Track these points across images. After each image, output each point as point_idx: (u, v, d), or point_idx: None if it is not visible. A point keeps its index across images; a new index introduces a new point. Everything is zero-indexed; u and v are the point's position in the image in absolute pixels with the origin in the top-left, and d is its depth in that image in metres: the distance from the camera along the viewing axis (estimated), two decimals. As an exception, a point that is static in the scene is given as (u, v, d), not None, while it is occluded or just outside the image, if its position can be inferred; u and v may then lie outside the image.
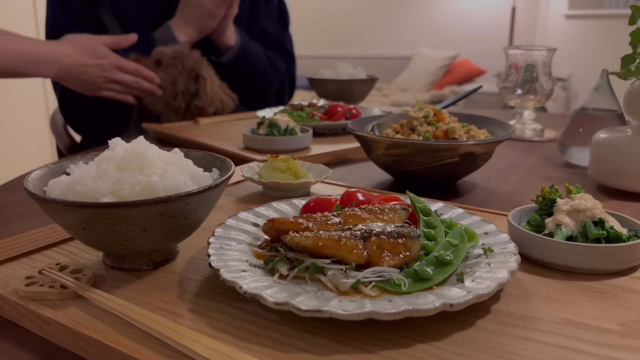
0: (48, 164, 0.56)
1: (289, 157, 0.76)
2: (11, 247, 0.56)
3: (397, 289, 0.44)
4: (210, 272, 0.52)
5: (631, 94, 0.80)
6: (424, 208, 0.56)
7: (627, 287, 0.50)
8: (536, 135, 1.22)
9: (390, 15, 5.17)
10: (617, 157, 0.80)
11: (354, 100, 1.48)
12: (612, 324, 0.43)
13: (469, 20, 4.91)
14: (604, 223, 0.54)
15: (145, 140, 0.54)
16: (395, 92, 4.54)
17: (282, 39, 1.67)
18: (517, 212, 0.60)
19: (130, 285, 0.50)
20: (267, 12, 1.63)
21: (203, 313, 0.45)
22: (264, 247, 0.53)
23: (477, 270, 0.47)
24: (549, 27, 4.71)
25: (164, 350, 0.40)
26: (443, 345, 0.40)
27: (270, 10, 1.63)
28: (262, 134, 1.03)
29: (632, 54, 0.79)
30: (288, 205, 0.63)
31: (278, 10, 1.67)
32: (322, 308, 0.40)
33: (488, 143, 0.77)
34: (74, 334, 0.42)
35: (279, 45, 1.66)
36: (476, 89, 1.21)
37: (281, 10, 1.68)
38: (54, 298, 0.47)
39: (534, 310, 0.45)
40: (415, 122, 0.84)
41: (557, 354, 0.39)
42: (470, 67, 4.64)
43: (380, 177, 0.90)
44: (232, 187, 0.80)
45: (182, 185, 0.50)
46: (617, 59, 0.81)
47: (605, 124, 0.92)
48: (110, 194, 0.48)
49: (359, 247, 0.46)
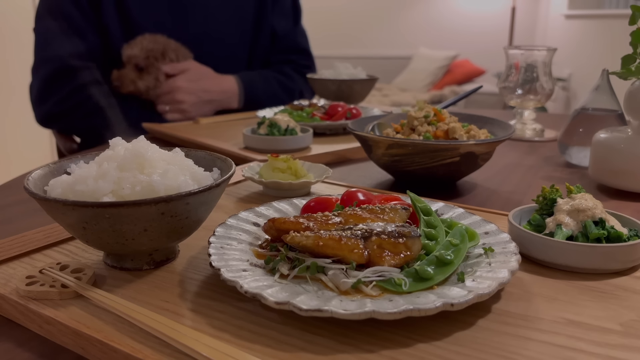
0: (49, 164, 0.56)
1: (289, 157, 0.76)
2: (12, 247, 0.56)
3: (398, 288, 0.44)
4: (210, 272, 0.52)
5: (631, 94, 0.80)
6: (425, 208, 0.56)
7: (628, 286, 0.50)
8: (536, 135, 1.22)
9: (390, 15, 5.17)
10: (618, 157, 0.80)
11: (354, 100, 1.48)
12: (613, 323, 0.43)
13: (469, 20, 4.91)
14: (604, 223, 0.54)
15: (146, 140, 0.54)
16: (395, 92, 4.54)
17: (294, 37, 1.65)
18: (517, 212, 0.60)
19: (130, 285, 0.50)
20: (278, 8, 1.61)
21: (204, 312, 0.45)
22: (264, 247, 0.53)
23: (478, 270, 0.47)
24: (549, 27, 4.71)
25: (165, 350, 0.40)
26: (444, 344, 0.40)
27: (281, 5, 1.62)
28: (262, 133, 1.03)
29: (632, 54, 0.79)
30: (288, 205, 0.63)
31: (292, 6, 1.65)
32: (323, 307, 0.40)
33: (488, 143, 0.77)
34: (75, 334, 0.42)
35: (291, 45, 1.64)
36: (476, 89, 1.21)
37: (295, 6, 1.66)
38: (55, 297, 0.47)
39: (534, 310, 0.45)
40: (415, 122, 0.84)
41: (557, 354, 0.39)
42: (470, 67, 4.63)
43: (381, 177, 0.90)
44: (232, 187, 0.80)
45: (183, 184, 0.50)
46: (617, 59, 0.81)
47: (606, 124, 0.92)
48: (111, 194, 0.48)
49: (359, 246, 0.46)
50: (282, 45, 1.63)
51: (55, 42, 1.33)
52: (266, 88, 1.53)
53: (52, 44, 1.34)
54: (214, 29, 1.50)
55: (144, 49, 1.35)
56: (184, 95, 1.38)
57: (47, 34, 1.35)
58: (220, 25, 1.51)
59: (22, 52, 1.41)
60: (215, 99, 1.43)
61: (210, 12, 1.49)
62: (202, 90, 1.40)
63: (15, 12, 3.03)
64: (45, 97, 1.36)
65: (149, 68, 1.36)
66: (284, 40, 1.63)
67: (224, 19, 1.52)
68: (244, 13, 1.55)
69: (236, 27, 1.54)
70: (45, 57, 1.35)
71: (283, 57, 1.64)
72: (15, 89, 2.93)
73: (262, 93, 1.52)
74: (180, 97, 1.37)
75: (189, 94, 1.39)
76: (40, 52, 1.36)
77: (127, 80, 1.36)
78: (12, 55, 2.98)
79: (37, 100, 1.38)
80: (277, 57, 1.63)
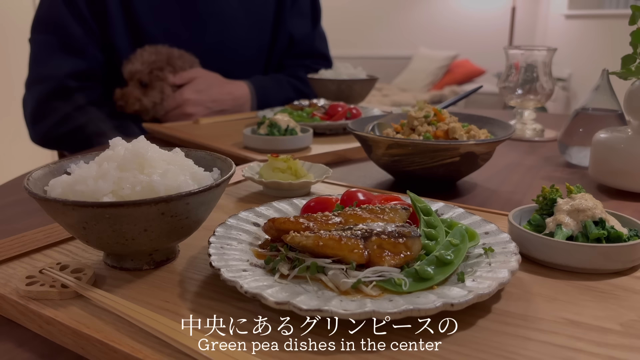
0: (49, 164, 0.56)
1: (289, 157, 0.76)
2: (12, 247, 0.56)
3: (398, 288, 0.44)
4: (210, 272, 0.52)
5: (631, 94, 0.80)
6: (425, 208, 0.56)
7: (628, 286, 0.50)
8: (536, 135, 1.22)
9: (390, 15, 5.17)
10: (618, 157, 0.80)
11: (354, 100, 1.48)
12: (613, 323, 0.43)
13: (469, 20, 4.91)
14: (604, 223, 0.54)
15: (146, 140, 0.54)
16: (395, 92, 4.54)
17: (312, 41, 1.59)
18: (517, 212, 0.60)
19: (131, 285, 0.50)
20: (296, 10, 1.54)
21: (204, 312, 0.45)
22: (264, 247, 0.53)
23: (478, 270, 0.47)
24: (549, 27, 4.71)
25: (165, 350, 0.40)
26: (444, 344, 0.40)
27: (299, 7, 1.55)
28: (262, 133, 1.03)
29: (632, 54, 0.79)
30: (289, 205, 0.63)
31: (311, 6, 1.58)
32: (323, 307, 0.40)
33: (488, 143, 0.77)
34: (75, 334, 0.42)
35: (309, 50, 1.58)
36: (476, 89, 1.21)
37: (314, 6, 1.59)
38: (55, 297, 0.47)
39: (534, 310, 0.45)
40: (415, 122, 0.84)
41: (557, 354, 0.39)
42: (470, 67, 4.64)
43: (381, 177, 0.90)
44: (232, 187, 0.80)
45: (183, 184, 0.50)
46: (617, 59, 0.81)
47: (606, 124, 0.92)
48: (111, 194, 0.48)
49: (359, 246, 0.46)
50: (298, 50, 1.57)
51: (52, 58, 1.26)
52: (279, 93, 1.47)
53: (49, 61, 1.26)
54: (231, 36, 1.44)
55: (146, 62, 1.27)
56: (192, 107, 1.30)
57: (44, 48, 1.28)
58: (237, 33, 1.44)
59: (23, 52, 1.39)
60: (226, 108, 1.36)
61: (226, 20, 1.42)
62: (211, 101, 1.33)
63: (17, 11, 3.03)
64: (39, 119, 1.30)
65: (153, 82, 1.29)
66: (301, 45, 1.57)
67: (241, 25, 1.45)
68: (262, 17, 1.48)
69: (254, 33, 1.48)
70: (40, 75, 1.28)
71: (297, 61, 1.58)
72: (15, 88, 2.92)
73: (275, 98, 1.45)
74: (190, 110, 1.30)
75: (198, 105, 1.31)
76: (36, 68, 1.29)
77: (132, 98, 1.28)
78: (12, 54, 2.98)
79: (31, 120, 1.32)
80: (291, 61, 1.57)
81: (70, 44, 1.27)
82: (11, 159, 3.01)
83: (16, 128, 3.05)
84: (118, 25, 1.31)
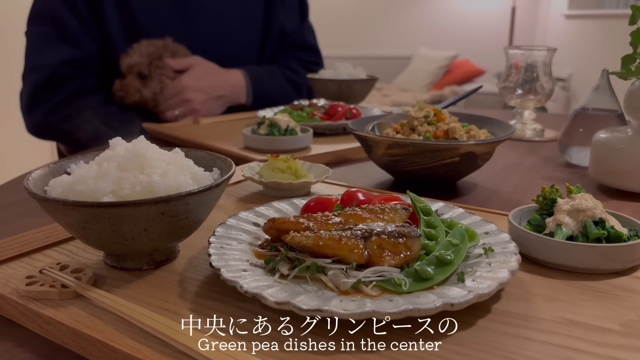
0: (49, 164, 0.56)
1: (289, 157, 0.76)
2: (12, 247, 0.56)
3: (398, 288, 0.44)
4: (210, 272, 0.52)
5: (631, 94, 0.80)
6: (425, 208, 0.56)
7: (628, 286, 0.50)
8: (536, 135, 1.22)
9: (390, 15, 5.17)
10: (618, 157, 0.80)
11: (354, 100, 1.48)
12: (613, 323, 0.43)
13: (469, 20, 4.91)
14: (604, 223, 0.54)
15: (146, 140, 0.54)
16: (395, 92, 4.54)
17: (302, 34, 1.63)
18: (517, 212, 0.60)
19: (130, 285, 0.50)
20: (286, 5, 1.59)
21: (204, 312, 0.45)
22: (264, 247, 0.53)
23: (478, 270, 0.47)
24: (549, 27, 4.71)
25: (165, 350, 0.40)
26: (444, 344, 0.40)
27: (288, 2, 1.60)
28: (262, 133, 1.03)
29: (632, 54, 0.79)
30: (288, 205, 0.63)
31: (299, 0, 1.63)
32: (323, 307, 0.40)
33: (488, 143, 0.77)
34: (75, 334, 0.42)
35: (299, 43, 1.62)
36: (476, 89, 1.21)
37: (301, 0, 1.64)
38: (55, 297, 0.47)
39: (534, 310, 0.45)
40: (415, 122, 0.84)
41: (557, 354, 0.39)
42: (470, 67, 4.64)
43: (381, 177, 0.90)
44: (232, 187, 0.80)
45: (183, 184, 0.50)
46: (617, 59, 0.81)
47: (606, 124, 0.92)
48: (111, 194, 0.48)
49: (359, 246, 0.46)
50: (288, 43, 1.61)
51: (47, 49, 1.28)
52: (273, 82, 1.51)
53: (44, 51, 1.29)
54: (223, 30, 1.47)
55: (144, 54, 1.31)
56: (192, 93, 1.33)
57: (39, 40, 1.30)
58: (229, 26, 1.48)
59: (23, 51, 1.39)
60: (224, 94, 1.40)
61: (218, 14, 1.46)
62: (210, 87, 1.36)
63: (16, 11, 3.03)
64: (34, 106, 1.31)
65: (152, 73, 1.32)
66: (291, 38, 1.61)
67: (233, 19, 1.49)
68: (253, 11, 1.52)
69: (245, 27, 1.52)
70: (35, 64, 1.30)
71: (289, 54, 1.62)
72: (15, 88, 2.92)
73: (269, 86, 1.49)
74: (189, 96, 1.33)
75: (197, 91, 1.34)
76: (31, 59, 1.32)
77: (132, 89, 1.31)
78: (12, 54, 2.98)
79: (27, 109, 1.33)
80: (283, 54, 1.61)
81: (66, 35, 1.29)
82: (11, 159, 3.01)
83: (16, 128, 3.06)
84: (113, 18, 1.33)
